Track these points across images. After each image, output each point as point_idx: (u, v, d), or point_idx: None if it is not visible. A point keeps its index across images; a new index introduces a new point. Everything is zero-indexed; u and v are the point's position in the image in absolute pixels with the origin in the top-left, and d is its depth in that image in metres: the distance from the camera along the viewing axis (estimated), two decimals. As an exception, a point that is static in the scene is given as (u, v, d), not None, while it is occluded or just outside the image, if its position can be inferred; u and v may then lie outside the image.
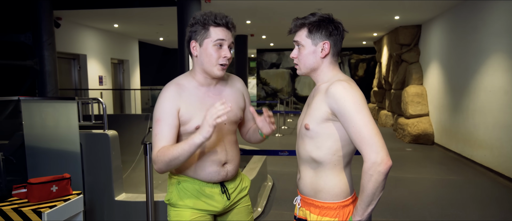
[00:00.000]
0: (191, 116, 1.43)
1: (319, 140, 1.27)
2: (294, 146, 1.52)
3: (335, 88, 1.21)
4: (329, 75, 1.32)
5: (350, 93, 1.20)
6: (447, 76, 6.34)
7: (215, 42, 1.41)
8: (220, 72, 1.45)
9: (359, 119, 1.17)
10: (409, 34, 7.91)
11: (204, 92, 1.49)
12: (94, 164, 2.65)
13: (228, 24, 1.45)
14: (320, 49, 1.29)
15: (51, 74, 5.92)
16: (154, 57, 12.29)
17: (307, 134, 1.30)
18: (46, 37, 5.78)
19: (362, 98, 1.22)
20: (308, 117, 1.31)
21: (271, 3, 5.77)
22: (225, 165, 1.53)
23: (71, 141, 2.50)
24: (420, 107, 7.19)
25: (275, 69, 13.55)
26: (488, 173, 4.85)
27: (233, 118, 1.54)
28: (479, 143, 5.15)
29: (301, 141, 1.35)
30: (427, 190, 4.30)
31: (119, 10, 6.39)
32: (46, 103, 2.57)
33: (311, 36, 1.29)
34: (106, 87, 8.68)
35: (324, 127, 1.26)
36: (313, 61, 1.31)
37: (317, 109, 1.27)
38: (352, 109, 1.18)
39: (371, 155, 1.15)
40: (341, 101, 1.19)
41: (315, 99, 1.31)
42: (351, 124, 1.18)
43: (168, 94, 1.42)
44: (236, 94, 1.58)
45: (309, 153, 1.31)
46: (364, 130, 1.16)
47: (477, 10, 5.27)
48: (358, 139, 1.18)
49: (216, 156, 1.49)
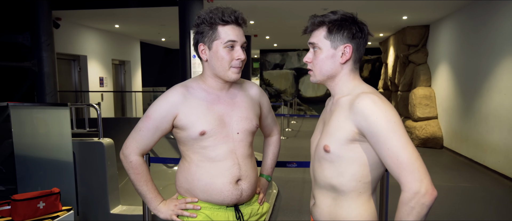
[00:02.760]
0: (193, 121, 1.28)
1: (342, 164, 1.08)
2: (299, 149, 1.35)
3: (364, 103, 1.02)
4: (349, 86, 1.13)
5: (382, 109, 1.01)
6: (457, 78, 6.13)
7: (226, 43, 1.26)
8: (235, 76, 1.30)
9: (395, 140, 0.98)
10: (416, 34, 7.71)
11: (215, 98, 1.33)
12: (88, 174, 2.48)
13: (238, 20, 1.28)
14: (340, 54, 1.10)
15: (49, 76, 5.78)
16: (156, 58, 12.14)
17: (326, 157, 1.10)
18: (44, 37, 5.64)
19: (396, 115, 1.02)
20: (327, 136, 1.10)
21: (275, 3, 5.60)
22: (239, 182, 1.33)
23: (64, 150, 2.33)
24: (429, 110, 6.99)
25: (278, 70, 13.36)
26: (502, 180, 4.65)
27: (248, 126, 1.36)
28: (493, 147, 4.94)
29: (317, 164, 1.15)
30: (440, 199, 4.10)
31: (120, 10, 6.24)
32: (37, 110, 2.40)
33: (330, 38, 1.10)
34: (107, 89, 8.53)
35: (349, 149, 1.06)
36: (331, 67, 1.11)
37: (339, 128, 1.07)
38: (387, 129, 0.99)
39: (412, 184, 0.96)
40: (372, 119, 1.00)
41: (335, 116, 1.11)
42: (385, 146, 0.99)
43: (171, 97, 1.30)
44: (251, 101, 1.41)
45: (328, 180, 1.11)
46: (402, 154, 0.97)
47: (488, 10, 5.07)
48: (395, 165, 0.98)
49: (228, 170, 1.31)
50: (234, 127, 1.34)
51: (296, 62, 13.13)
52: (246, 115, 1.36)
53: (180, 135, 1.33)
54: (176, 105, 1.29)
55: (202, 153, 1.31)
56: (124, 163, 1.35)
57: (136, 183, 1.35)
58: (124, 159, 1.35)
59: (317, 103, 12.94)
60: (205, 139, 1.29)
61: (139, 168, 1.34)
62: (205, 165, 1.31)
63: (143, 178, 1.34)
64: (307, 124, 10.49)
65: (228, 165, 1.31)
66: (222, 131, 1.31)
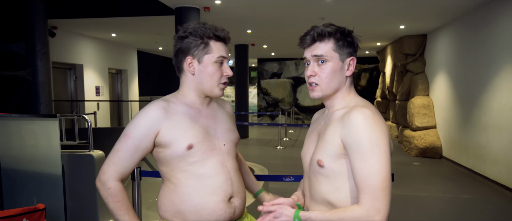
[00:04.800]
0: (176, 136, 1.20)
1: (337, 179, 1.04)
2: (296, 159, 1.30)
3: (354, 116, 0.99)
4: (346, 99, 1.10)
5: (370, 126, 0.98)
6: (456, 88, 6.10)
7: (217, 59, 1.24)
8: (221, 92, 1.29)
9: (372, 163, 0.96)
10: (414, 43, 7.70)
11: (196, 112, 1.29)
12: (78, 188, 2.40)
13: (226, 39, 1.29)
14: (346, 67, 1.09)
15: (44, 85, 5.71)
16: (153, 66, 12.10)
17: (321, 171, 1.06)
18: (39, 46, 5.58)
19: (383, 135, 0.99)
20: (320, 150, 1.06)
21: (272, 12, 5.58)
22: (232, 200, 1.26)
23: (52, 162, 2.25)
24: (427, 119, 6.94)
25: (276, 79, 13.33)
26: (504, 191, 4.57)
27: (233, 137, 1.34)
28: (493, 158, 4.88)
29: (313, 178, 1.10)
30: (441, 211, 4.02)
31: (116, 19, 6.20)
32: (25, 121, 2.32)
33: (339, 50, 1.07)
34: (103, 98, 8.45)
35: (342, 164, 1.03)
36: (339, 81, 1.09)
37: (329, 142, 1.04)
38: (367, 148, 0.97)
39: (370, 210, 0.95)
40: (356, 135, 0.98)
41: (329, 129, 1.07)
42: (360, 165, 0.97)
43: (152, 113, 1.21)
44: (228, 116, 1.40)
45: (324, 195, 1.06)
46: (373, 178, 0.96)
47: (486, 19, 5.05)
48: (362, 185, 0.97)
49: (220, 187, 1.23)
50: (220, 138, 1.30)
51: (293, 71, 13.11)
52: (229, 127, 1.35)
53: (163, 154, 1.23)
54: (158, 121, 1.20)
55: (189, 170, 1.23)
56: (101, 190, 1.20)
57: (116, 212, 1.19)
58: (101, 186, 1.20)
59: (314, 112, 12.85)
60: (192, 153, 1.21)
61: (119, 195, 1.20)
62: (195, 183, 1.23)
63: (124, 205, 1.20)
64: (305, 133, 10.41)
65: (220, 181, 1.24)
66: (209, 143, 1.26)
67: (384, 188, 0.96)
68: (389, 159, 0.99)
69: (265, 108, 13.42)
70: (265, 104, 13.49)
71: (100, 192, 1.22)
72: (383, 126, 1.00)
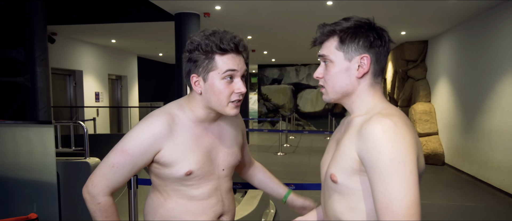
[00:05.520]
0: (178, 159, 1.11)
1: (352, 198, 0.91)
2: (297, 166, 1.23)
3: (372, 129, 0.84)
4: (368, 104, 0.96)
5: (391, 142, 0.81)
6: (457, 94, 6.05)
7: (224, 74, 1.08)
8: (235, 111, 1.12)
9: (394, 185, 0.80)
10: (415, 49, 7.67)
11: (202, 130, 1.17)
12: (73, 196, 2.34)
13: (239, 47, 1.09)
14: (356, 66, 0.94)
15: (43, 91, 5.67)
16: (153, 73, 12.09)
17: (334, 188, 0.94)
18: (39, 52, 5.54)
19: (409, 151, 0.82)
20: (334, 163, 0.94)
21: (273, 17, 5.56)
22: (221, 218, 1.24)
23: (47, 170, 2.19)
24: (429, 125, 6.88)
25: (276, 85, 13.30)
26: (508, 199, 4.50)
27: (234, 161, 1.24)
28: (496, 165, 4.81)
29: (327, 193, 0.99)
30: (445, 219, 3.94)
31: (116, 25, 6.18)
32: (20, 128, 2.27)
33: (343, 48, 0.94)
34: (103, 104, 8.41)
35: (357, 181, 0.90)
36: (345, 83, 0.94)
37: (345, 154, 0.91)
38: (388, 168, 0.80)
39: None
40: (374, 151, 0.82)
41: (345, 139, 0.94)
42: (380, 188, 0.81)
43: (155, 129, 1.09)
44: (236, 133, 1.27)
45: (338, 214, 0.94)
46: (397, 204, 0.79)
47: (487, 26, 5.02)
48: (384, 211, 0.80)
49: (211, 208, 1.19)
50: (220, 163, 1.22)
51: (294, 77, 13.08)
52: (233, 150, 1.24)
53: (159, 171, 1.16)
54: (160, 140, 1.09)
55: (182, 190, 1.16)
56: (90, 204, 1.12)
57: None
58: (90, 200, 1.12)
59: (316, 119, 12.83)
60: (190, 178, 1.14)
61: (109, 210, 1.13)
62: (185, 202, 1.16)
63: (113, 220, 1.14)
64: (306, 139, 10.35)
65: (211, 203, 1.19)
66: (208, 169, 1.18)
67: (412, 214, 0.79)
68: (417, 181, 0.81)
69: (266, 115, 13.37)
70: (265, 111, 13.44)
71: (87, 204, 1.14)
72: (410, 140, 0.83)
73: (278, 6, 4.87)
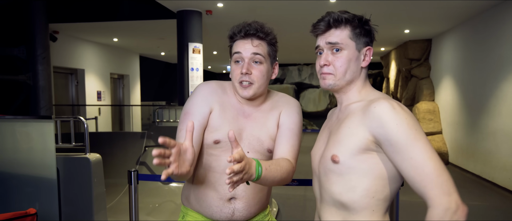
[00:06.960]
0: (218, 126, 1.20)
1: (352, 177, 0.94)
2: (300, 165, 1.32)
3: (381, 108, 0.90)
4: (362, 92, 1.03)
5: (402, 115, 0.89)
6: (462, 93, 5.99)
7: (233, 57, 1.23)
8: (242, 92, 1.20)
9: (419, 149, 0.86)
10: (418, 48, 7.62)
11: (239, 108, 1.26)
12: (73, 192, 2.31)
13: (248, 31, 1.20)
14: (362, 57, 1.03)
15: (45, 90, 5.66)
16: (155, 72, 12.08)
17: (334, 169, 0.96)
18: (40, 50, 5.54)
19: (417, 122, 0.91)
20: (335, 145, 0.97)
21: (275, 15, 5.52)
22: (233, 201, 1.22)
23: (47, 166, 2.16)
24: (433, 124, 6.83)
25: (279, 85, 13.26)
26: (513, 198, 4.44)
27: (257, 146, 1.23)
28: (502, 164, 4.75)
29: (324, 178, 1.01)
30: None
31: (118, 24, 6.16)
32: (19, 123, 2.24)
33: (355, 39, 1.01)
34: (105, 103, 8.40)
35: (361, 160, 0.93)
36: (353, 71, 1.01)
37: (350, 135, 0.95)
38: (408, 137, 0.87)
39: (442, 199, 0.85)
40: (391, 126, 0.88)
41: (345, 123, 0.98)
42: (408, 156, 0.87)
43: (205, 90, 1.24)
44: (268, 120, 1.27)
45: (337, 196, 0.97)
46: (428, 165, 0.85)
47: (492, 24, 4.97)
48: (419, 177, 0.86)
49: (221, 186, 1.21)
50: (246, 145, 1.23)
51: (296, 77, 13.03)
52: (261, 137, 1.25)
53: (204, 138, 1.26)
54: (212, 100, 1.22)
55: (207, 161, 1.23)
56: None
57: None
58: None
59: (318, 118, 12.77)
60: (216, 147, 1.21)
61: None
62: (205, 172, 1.23)
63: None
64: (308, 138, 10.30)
65: (220, 182, 1.20)
66: None
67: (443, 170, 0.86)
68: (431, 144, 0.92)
69: (268, 114, 13.35)
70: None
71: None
72: (411, 114, 0.93)
73: (280, 4, 4.83)
